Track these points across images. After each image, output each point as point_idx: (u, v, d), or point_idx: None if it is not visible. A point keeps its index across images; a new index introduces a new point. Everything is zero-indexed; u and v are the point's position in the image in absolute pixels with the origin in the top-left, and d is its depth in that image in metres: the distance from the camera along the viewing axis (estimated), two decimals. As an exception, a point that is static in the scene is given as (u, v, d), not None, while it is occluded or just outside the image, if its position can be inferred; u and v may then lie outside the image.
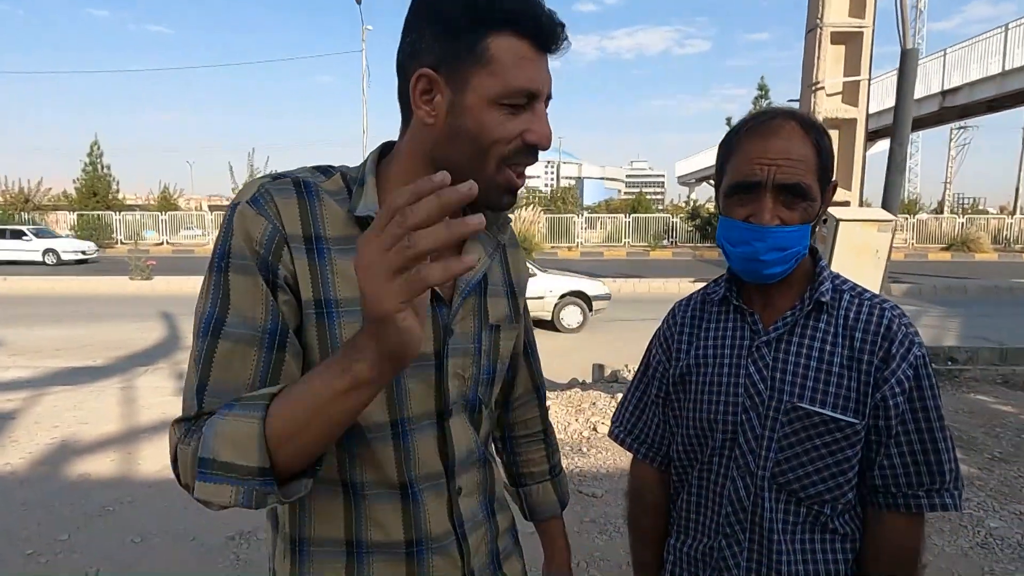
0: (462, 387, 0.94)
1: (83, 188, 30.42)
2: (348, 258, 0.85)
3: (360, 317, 0.81)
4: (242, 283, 0.81)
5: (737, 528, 1.12)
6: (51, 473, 4.02)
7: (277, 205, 0.83)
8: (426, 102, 0.84)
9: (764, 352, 1.10)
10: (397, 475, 0.90)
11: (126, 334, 9.52)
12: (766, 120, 1.05)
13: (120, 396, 5.83)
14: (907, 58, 3.67)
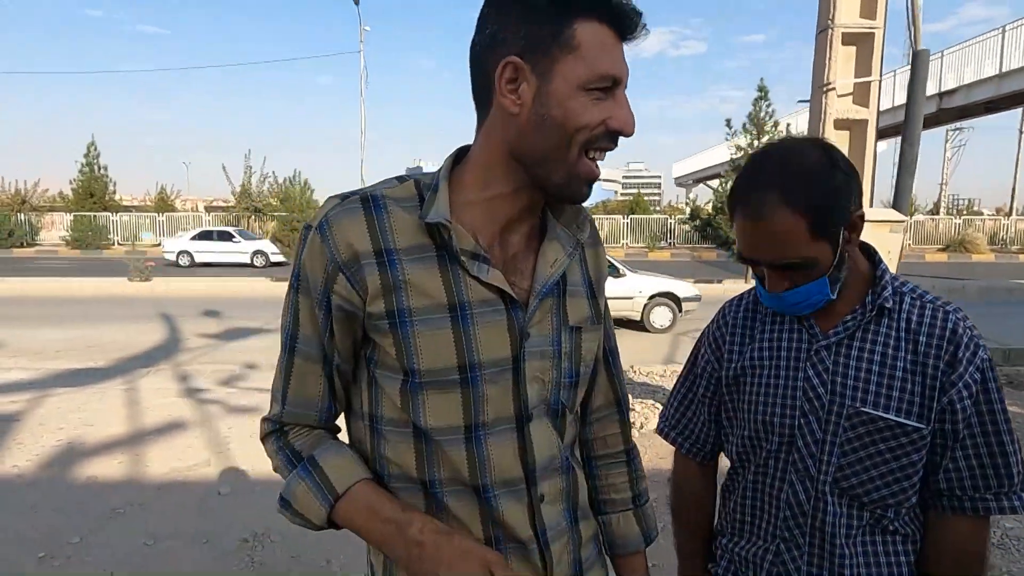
0: (542, 391, 0.93)
1: (80, 189, 30.29)
2: (420, 267, 0.86)
3: (435, 324, 0.86)
4: (305, 306, 0.90)
5: (796, 532, 1.11)
6: (59, 475, 3.99)
7: (342, 229, 0.86)
8: (511, 91, 0.84)
9: (824, 356, 1.09)
10: (470, 478, 0.90)
11: (126, 335, 9.47)
12: (748, 196, 1.04)
13: (124, 398, 5.79)
14: (918, 59, 3.68)
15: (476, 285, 0.87)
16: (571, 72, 0.81)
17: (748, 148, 16.01)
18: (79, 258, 25.68)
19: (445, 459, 0.89)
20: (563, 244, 0.95)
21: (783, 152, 1.05)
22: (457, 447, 0.89)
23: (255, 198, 29.18)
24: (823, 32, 3.89)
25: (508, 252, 0.92)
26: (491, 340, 0.88)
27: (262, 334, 9.79)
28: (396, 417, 0.91)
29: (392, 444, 0.92)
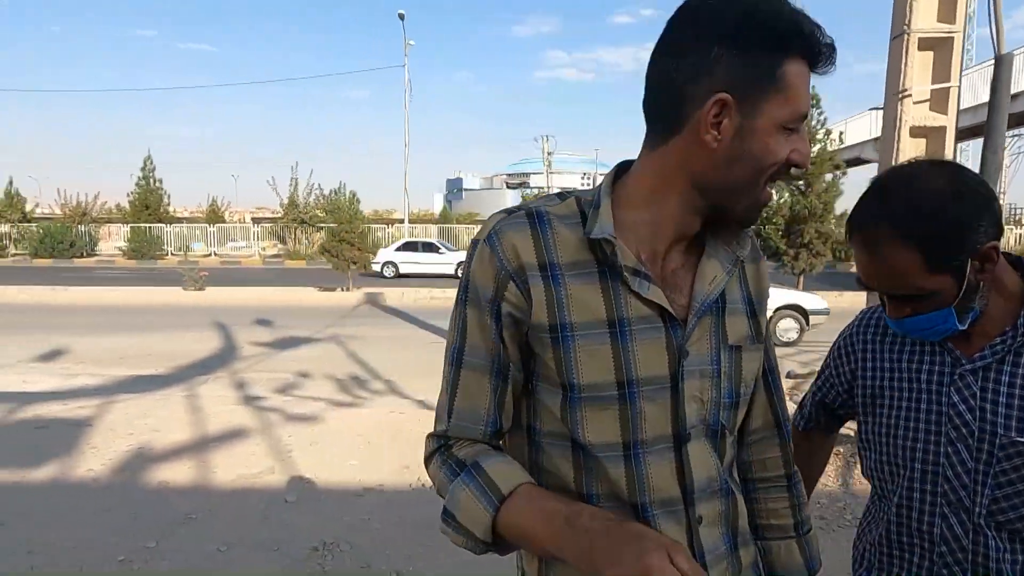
0: (701, 411, 0.90)
1: (136, 201, 31.45)
2: (581, 282, 0.87)
3: (595, 339, 0.86)
4: (474, 317, 0.90)
5: (956, 569, 1.05)
6: (131, 480, 4.09)
7: (509, 241, 0.87)
8: (714, 126, 0.82)
9: (970, 381, 1.03)
10: (628, 496, 0.88)
11: (184, 343, 9.74)
12: (859, 228, 1.03)
13: (186, 404, 5.94)
14: (1002, 64, 3.53)
15: (636, 302, 0.87)
16: (776, 111, 0.82)
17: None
18: (135, 268, 26.64)
19: (604, 475, 0.88)
20: (722, 261, 0.93)
21: (904, 179, 1.02)
22: (616, 464, 0.88)
23: (302, 210, 29.82)
24: (898, 37, 3.77)
25: (667, 268, 0.91)
26: (649, 357, 0.87)
27: (312, 343, 9.96)
28: (556, 430, 0.91)
29: (550, 456, 0.92)
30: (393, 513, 3.64)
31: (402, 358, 8.87)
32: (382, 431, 5.13)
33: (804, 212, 15.34)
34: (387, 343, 10.07)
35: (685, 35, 0.84)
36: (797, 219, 15.46)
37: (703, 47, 0.81)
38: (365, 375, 7.69)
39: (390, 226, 33.09)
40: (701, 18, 0.83)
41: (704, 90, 0.81)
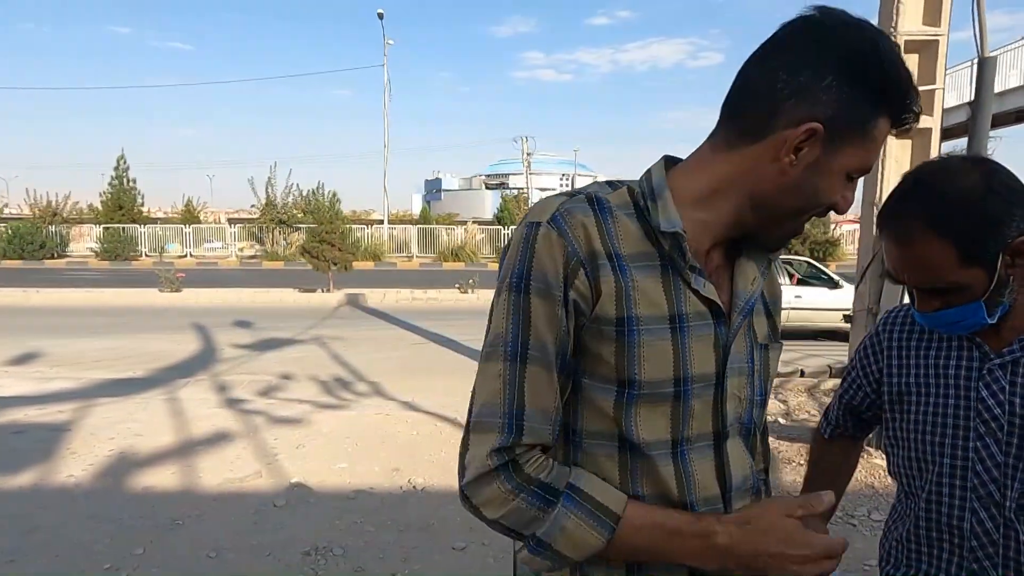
0: (738, 409, 0.91)
1: (109, 202, 30.84)
2: (644, 274, 0.84)
3: (658, 334, 0.84)
4: (542, 307, 0.82)
5: (987, 564, 1.05)
6: (114, 485, 4.00)
7: (580, 224, 0.83)
8: (796, 150, 0.81)
9: (998, 375, 1.04)
10: (678, 495, 0.87)
11: (161, 345, 9.57)
12: (892, 221, 1.04)
13: (167, 408, 5.82)
14: (985, 67, 3.60)
15: (693, 298, 0.86)
16: (852, 158, 0.82)
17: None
18: (108, 269, 26.11)
19: (653, 474, 0.86)
20: (757, 262, 0.94)
21: (936, 174, 1.03)
22: (666, 462, 0.86)
23: (280, 210, 29.49)
24: (885, 40, 3.83)
25: (711, 265, 0.91)
26: (702, 354, 0.86)
27: (294, 345, 9.84)
28: (602, 429, 0.87)
29: (594, 458, 0.88)
30: (385, 516, 3.60)
31: (386, 359, 8.80)
32: (370, 433, 5.08)
33: (782, 213, 15.54)
34: (370, 344, 9.98)
35: (806, 51, 0.80)
36: (776, 220, 15.65)
37: (819, 70, 0.79)
38: (349, 376, 7.62)
39: (369, 227, 32.85)
40: (827, 40, 0.80)
41: (803, 112, 0.79)
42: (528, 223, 0.85)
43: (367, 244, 29.16)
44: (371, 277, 20.40)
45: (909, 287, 1.06)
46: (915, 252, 0.99)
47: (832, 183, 0.83)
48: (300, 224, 26.37)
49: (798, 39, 0.82)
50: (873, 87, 0.79)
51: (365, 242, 29.15)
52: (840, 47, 0.79)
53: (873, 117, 0.80)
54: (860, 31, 0.80)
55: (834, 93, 0.79)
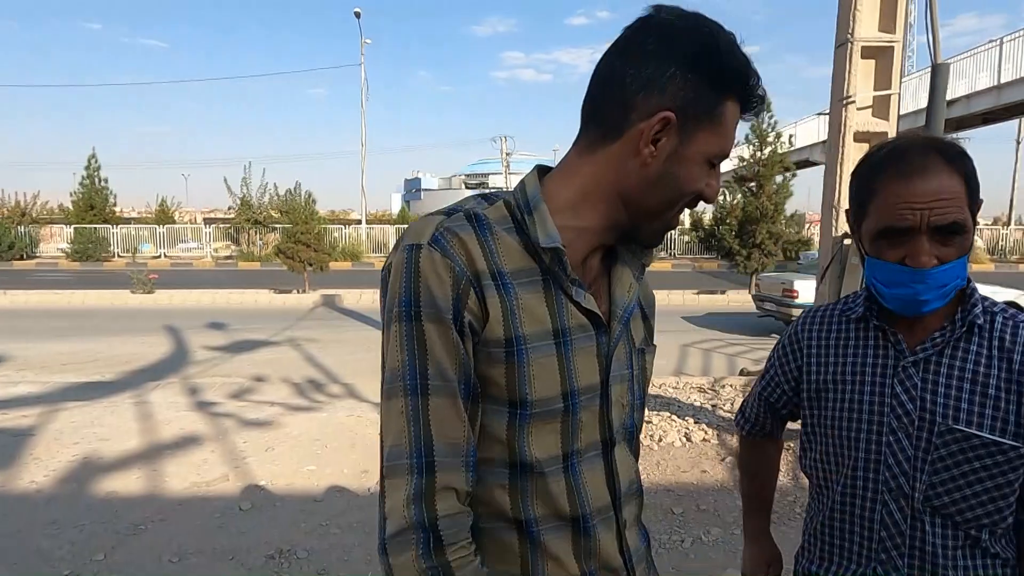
0: (621, 414, 0.93)
1: (80, 201, 30.26)
2: (528, 291, 0.83)
3: (544, 351, 0.83)
4: (436, 333, 0.78)
5: (895, 554, 1.09)
6: (78, 491, 3.95)
7: (461, 244, 0.79)
8: (653, 142, 0.83)
9: (912, 372, 1.08)
10: (570, 509, 0.87)
11: (132, 348, 9.44)
12: (908, 156, 1.01)
13: (136, 411, 5.75)
14: (938, 72, 3.70)
15: (574, 310, 0.86)
16: (707, 144, 0.85)
17: (751, 159, 16.06)
18: (80, 270, 25.62)
19: (544, 493, 0.85)
20: (631, 268, 0.95)
21: (920, 133, 1.08)
22: (558, 477, 0.86)
23: (256, 210, 29.18)
24: (842, 46, 3.92)
25: (589, 276, 0.92)
26: (586, 366, 0.87)
27: (268, 346, 9.77)
28: (494, 456, 0.84)
29: (485, 486, 0.84)
30: (352, 518, 3.61)
31: (360, 360, 8.76)
32: (340, 435, 5.07)
33: (756, 213, 15.72)
34: (345, 345, 9.94)
35: (648, 45, 0.82)
36: (749, 220, 15.83)
37: (663, 63, 0.81)
38: (322, 378, 7.58)
39: (347, 227, 32.65)
40: (667, 34, 0.82)
41: (654, 104, 0.81)
42: (407, 246, 0.80)
43: (345, 244, 28.98)
44: (348, 277, 20.25)
45: (903, 246, 1.01)
46: (936, 181, 0.98)
47: (693, 171, 0.85)
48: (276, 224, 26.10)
49: (640, 36, 0.83)
50: (715, 73, 0.82)
51: (343, 242, 28.96)
52: (680, 39, 0.82)
53: (720, 102, 0.83)
54: (697, 22, 0.83)
55: (680, 82, 0.81)
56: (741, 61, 0.84)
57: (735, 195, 16.52)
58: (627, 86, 0.83)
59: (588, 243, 0.89)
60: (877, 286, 1.07)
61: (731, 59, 0.83)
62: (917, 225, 0.99)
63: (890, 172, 1.01)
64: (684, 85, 0.81)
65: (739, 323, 11.94)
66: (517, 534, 0.86)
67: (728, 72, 0.83)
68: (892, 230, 1.01)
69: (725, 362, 8.53)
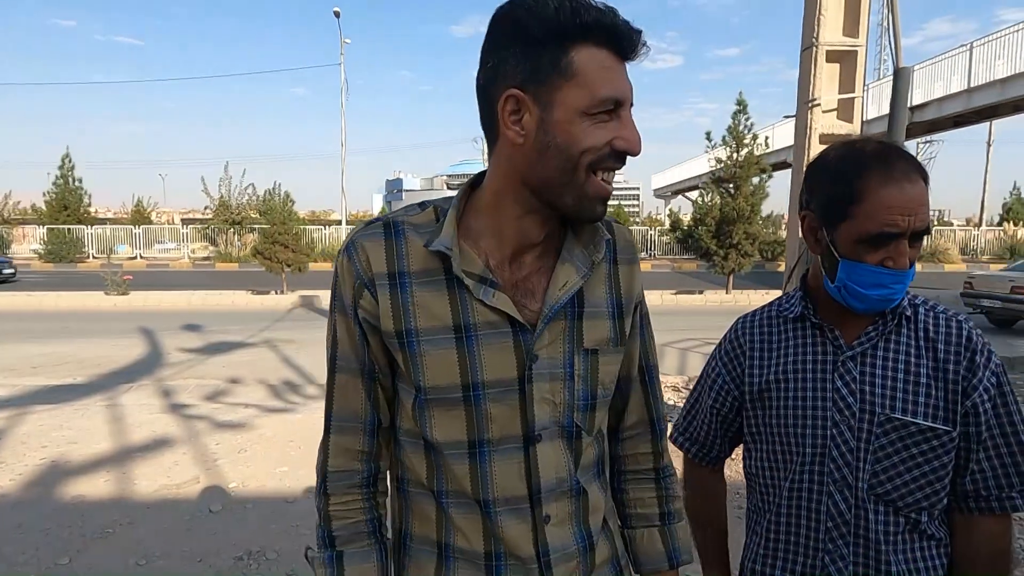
0: (554, 412, 0.93)
1: (54, 202, 29.77)
2: (428, 290, 0.91)
3: (441, 344, 0.90)
4: (343, 323, 0.95)
5: (840, 543, 1.13)
6: (44, 495, 3.90)
7: (363, 251, 0.92)
8: (515, 122, 0.85)
9: (850, 366, 1.12)
10: (472, 492, 0.92)
11: (105, 350, 9.32)
12: (891, 162, 1.04)
13: (107, 414, 5.69)
14: (900, 76, 3.79)
15: (482, 308, 0.89)
16: (571, 99, 0.83)
17: (728, 160, 16.23)
18: (53, 271, 25.21)
19: (450, 472, 0.93)
20: (577, 266, 0.95)
21: (881, 141, 1.11)
22: (460, 461, 0.92)
23: (234, 210, 28.90)
24: (808, 50, 3.99)
25: (521, 273, 0.93)
26: (496, 361, 0.90)
27: (245, 348, 9.69)
28: (410, 428, 0.97)
29: (407, 453, 0.98)
30: (323, 519, 3.60)
31: (337, 362, 8.72)
32: (315, 437, 5.02)
33: (733, 214, 15.89)
34: (322, 346, 9.51)
35: (486, 43, 0.87)
36: (726, 220, 16.00)
37: (498, 51, 0.85)
38: (299, 380, 7.54)
39: (327, 228, 32.44)
40: (496, 25, 0.86)
41: (501, 90, 0.85)
42: (338, 252, 0.96)
43: (325, 245, 28.79)
44: (327, 278, 20.03)
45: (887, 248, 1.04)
46: (918, 188, 1.03)
47: (572, 131, 0.83)
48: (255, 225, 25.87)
49: (484, 41, 0.88)
50: (544, 32, 0.82)
51: (323, 243, 28.77)
52: (503, 22, 0.85)
53: (563, 54, 0.82)
54: (511, 2, 0.85)
55: (515, 59, 0.84)
56: (570, 7, 0.81)
57: (712, 196, 16.68)
58: (485, 89, 0.87)
59: (513, 238, 0.92)
60: (853, 287, 1.07)
61: (557, 11, 0.81)
62: (905, 231, 1.02)
63: (879, 177, 1.03)
64: (520, 59, 0.83)
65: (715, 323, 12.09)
66: (434, 502, 0.96)
67: (557, 24, 0.81)
68: (885, 236, 1.03)
69: (700, 361, 8.62)
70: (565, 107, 0.83)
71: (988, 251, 30.16)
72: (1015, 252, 26.99)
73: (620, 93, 0.84)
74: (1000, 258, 27.68)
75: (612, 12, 0.83)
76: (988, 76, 18.93)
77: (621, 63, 0.85)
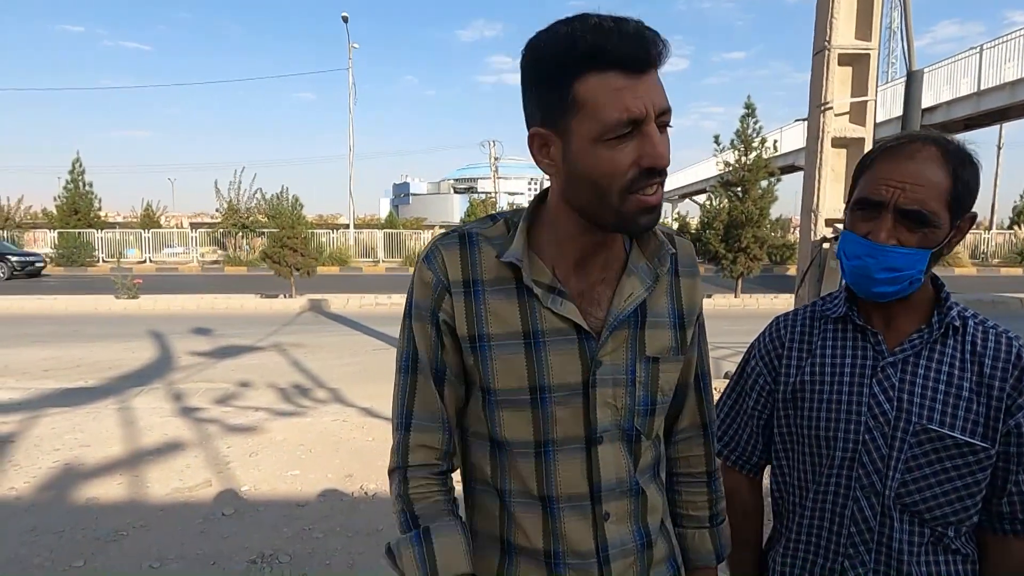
0: (615, 416, 0.98)
1: (64, 206, 29.98)
2: (500, 298, 0.96)
3: (511, 349, 0.94)
4: (420, 329, 0.99)
5: (862, 549, 1.12)
6: (58, 498, 3.92)
7: (442, 259, 0.97)
8: (544, 156, 0.90)
9: (890, 373, 1.11)
10: (537, 490, 0.97)
11: (116, 353, 9.36)
12: (905, 143, 1.06)
13: (118, 417, 5.72)
14: (913, 79, 3.78)
15: (550, 315, 0.94)
16: (583, 131, 0.84)
17: (736, 164, 16.19)
18: (64, 275, 25.37)
19: (515, 470, 0.98)
20: (642, 278, 0.99)
21: (942, 134, 1.10)
22: (527, 459, 0.97)
23: (243, 214, 29.03)
24: (820, 53, 3.98)
25: (587, 282, 0.98)
26: (562, 366, 0.95)
27: (254, 352, 9.72)
28: (478, 429, 1.02)
29: (474, 453, 1.03)
30: (335, 522, 3.61)
31: (346, 365, 8.75)
32: (325, 440, 5.06)
33: (741, 218, 15.84)
34: (331, 350, 9.91)
35: (521, 87, 0.91)
36: (735, 224, 15.94)
37: (524, 91, 0.91)
38: (308, 383, 7.56)
39: (335, 231, 32.55)
40: (521, 66, 0.90)
41: (529, 128, 0.91)
42: (418, 259, 1.01)
43: (332, 249, 28.87)
44: (336, 282, 20.22)
45: (871, 221, 1.05)
46: (918, 166, 1.02)
47: (593, 159, 0.84)
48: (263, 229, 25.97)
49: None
50: (547, 70, 0.85)
51: (330, 247, 28.85)
52: (522, 64, 0.89)
53: (566, 89, 0.83)
54: (530, 40, 0.87)
55: (533, 99, 0.89)
56: (565, 40, 0.82)
57: (720, 200, 16.64)
58: (527, 125, 0.92)
59: (573, 252, 0.96)
60: (841, 258, 1.11)
61: (554, 47, 0.83)
62: (886, 202, 1.03)
63: (886, 151, 1.07)
64: (536, 99, 0.89)
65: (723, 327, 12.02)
66: (498, 500, 1.01)
67: (556, 60, 0.83)
68: (865, 202, 1.05)
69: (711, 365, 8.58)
70: (580, 138, 0.85)
71: (999, 255, 29.93)
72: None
73: (633, 112, 0.82)
74: (1010, 262, 27.46)
75: (615, 31, 0.81)
76: (998, 79, 18.83)
77: (638, 77, 0.83)
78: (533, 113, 0.90)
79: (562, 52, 0.83)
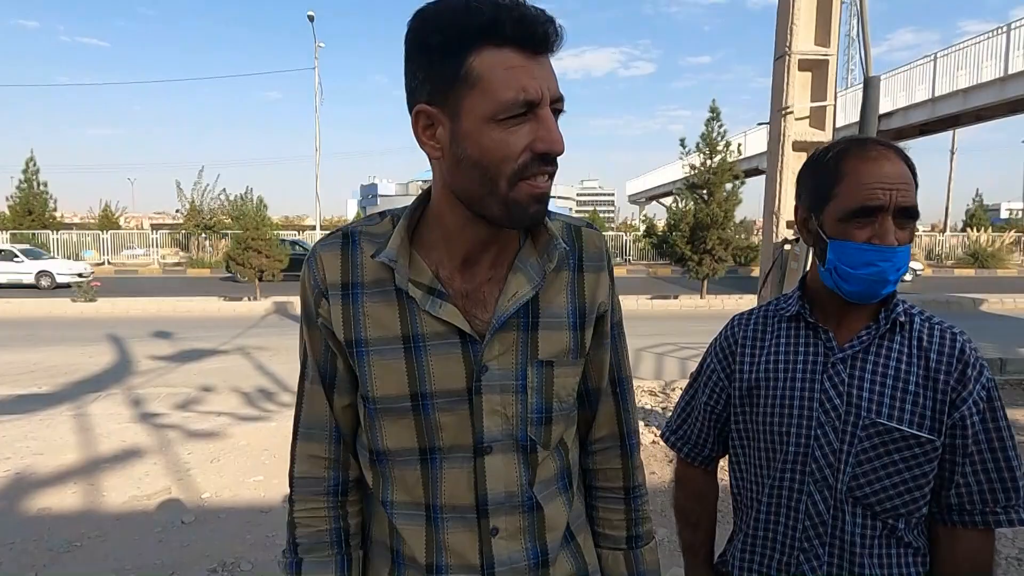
0: (506, 425, 0.91)
1: (17, 206, 29.01)
2: (378, 300, 0.90)
3: (390, 354, 0.89)
4: (307, 332, 0.97)
5: (816, 542, 1.13)
6: (8, 509, 3.78)
7: (321, 261, 0.93)
8: (429, 137, 0.83)
9: (840, 368, 1.13)
10: (424, 497, 0.93)
11: (72, 358, 9.09)
12: (871, 146, 1.08)
13: (74, 424, 5.54)
14: (870, 85, 3.87)
15: (430, 319, 0.88)
16: (477, 108, 0.79)
17: (701, 167, 16.43)
18: (16, 278, 24.49)
19: (399, 479, 0.94)
20: (529, 275, 0.92)
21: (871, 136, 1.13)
22: (412, 467, 0.93)
23: (206, 215, 28.44)
24: (781, 58, 4.06)
25: (473, 283, 0.91)
26: (444, 371, 0.89)
27: (217, 355, 9.53)
28: (362, 439, 0.98)
29: (361, 463, 1.00)
30: (299, 528, 3.54)
31: (312, 369, 8.61)
32: (289, 445, 4.97)
33: (707, 220, 16.07)
34: (296, 353, 9.66)
35: (404, 60, 0.84)
36: (701, 226, 16.17)
37: (408, 65, 0.83)
38: (272, 387, 7.43)
39: (301, 233, 32.09)
40: (405, 38, 0.83)
41: (413, 106, 0.83)
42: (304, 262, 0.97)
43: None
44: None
45: (871, 225, 1.05)
46: (895, 167, 1.04)
47: (485, 140, 0.79)
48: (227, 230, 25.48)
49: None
50: (438, 43, 0.78)
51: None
52: (408, 35, 0.82)
53: (461, 63, 0.78)
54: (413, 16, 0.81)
55: (420, 74, 0.82)
56: (465, 9, 0.77)
57: (686, 202, 16.86)
58: (408, 106, 0.85)
59: (458, 249, 0.90)
60: (842, 269, 1.08)
61: (453, 15, 0.78)
62: (887, 204, 1.03)
63: (858, 156, 1.07)
64: (422, 75, 0.81)
65: (689, 327, 12.20)
66: (385, 513, 0.97)
67: (454, 29, 0.78)
68: (865, 209, 1.04)
69: (676, 366, 8.68)
70: (472, 116, 0.79)
71: (952, 256, 30.93)
72: (978, 257, 27.68)
73: (531, 93, 0.78)
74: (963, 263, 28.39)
75: (514, 7, 0.78)
76: (951, 86, 19.45)
77: (534, 59, 0.79)
78: (418, 88, 0.82)
79: (459, 22, 0.77)
